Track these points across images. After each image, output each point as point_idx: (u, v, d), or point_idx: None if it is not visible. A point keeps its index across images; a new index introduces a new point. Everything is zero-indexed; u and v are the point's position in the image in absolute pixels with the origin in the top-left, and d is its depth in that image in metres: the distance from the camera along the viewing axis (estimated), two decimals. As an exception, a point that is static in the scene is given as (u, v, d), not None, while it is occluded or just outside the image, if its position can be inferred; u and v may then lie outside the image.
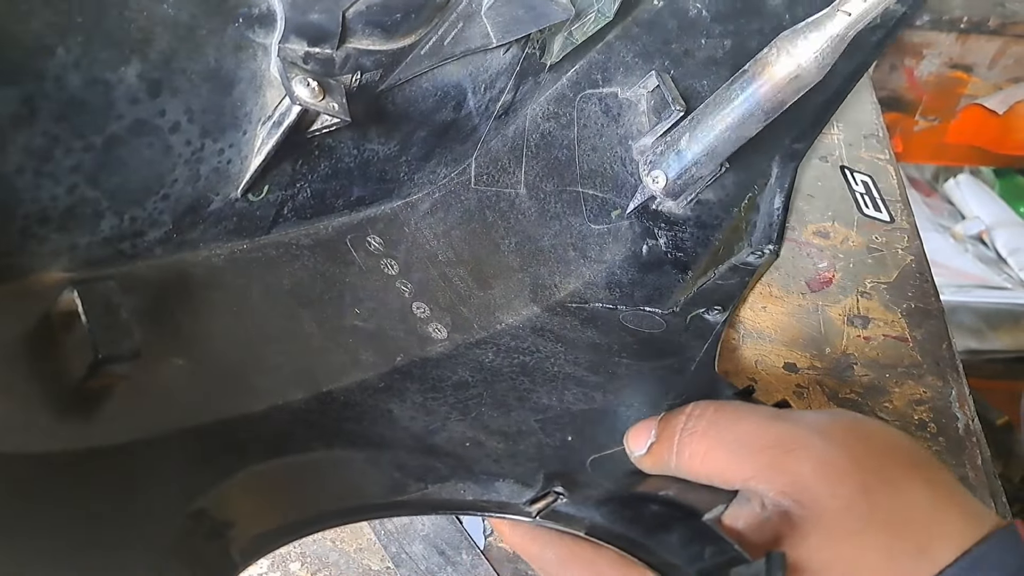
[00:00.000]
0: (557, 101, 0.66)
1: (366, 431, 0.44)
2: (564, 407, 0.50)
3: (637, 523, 0.41)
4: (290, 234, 0.52)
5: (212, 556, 0.34)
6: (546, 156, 0.65)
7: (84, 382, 0.38)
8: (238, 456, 0.40)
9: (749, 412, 0.42)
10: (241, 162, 0.46)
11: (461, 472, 0.43)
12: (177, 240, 0.45)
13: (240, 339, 0.46)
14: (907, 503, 0.38)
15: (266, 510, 0.38)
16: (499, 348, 0.54)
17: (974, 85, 1.58)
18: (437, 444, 0.45)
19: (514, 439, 0.46)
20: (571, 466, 0.45)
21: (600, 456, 0.46)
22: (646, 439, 0.44)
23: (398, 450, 0.44)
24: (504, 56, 0.58)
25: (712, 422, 0.42)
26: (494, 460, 0.44)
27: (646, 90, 0.68)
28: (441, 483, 0.43)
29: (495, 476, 0.43)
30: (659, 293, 0.62)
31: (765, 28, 0.73)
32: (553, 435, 0.47)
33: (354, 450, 0.43)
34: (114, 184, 0.40)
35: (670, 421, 0.43)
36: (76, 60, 0.36)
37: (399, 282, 0.55)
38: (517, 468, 0.44)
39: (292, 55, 0.44)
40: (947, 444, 0.59)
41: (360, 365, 0.49)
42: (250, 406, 0.43)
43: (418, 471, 0.43)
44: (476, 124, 0.60)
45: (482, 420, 0.47)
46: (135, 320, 0.41)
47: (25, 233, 0.38)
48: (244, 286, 0.48)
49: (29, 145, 0.36)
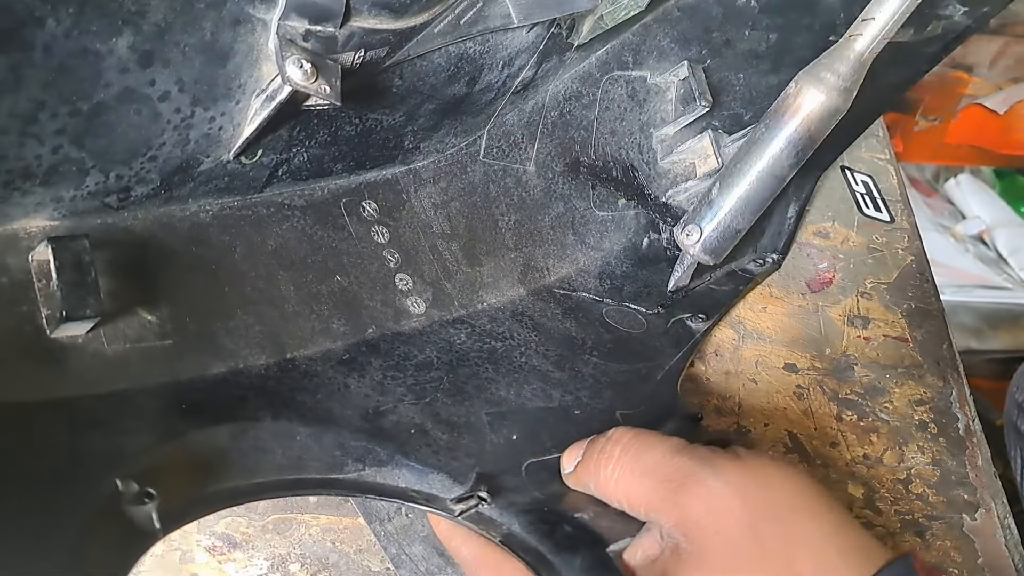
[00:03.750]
0: (582, 80, 0.65)
1: (317, 405, 0.46)
2: (520, 402, 0.51)
3: (549, 539, 0.43)
4: (284, 194, 0.53)
5: (135, 523, 0.37)
6: (562, 135, 0.64)
7: (50, 334, 0.41)
8: (183, 418, 0.42)
9: (659, 442, 0.44)
10: (233, 129, 0.47)
11: (399, 458, 0.45)
12: (165, 196, 0.47)
13: (214, 298, 0.48)
14: (795, 539, 0.40)
15: (198, 477, 0.41)
16: (473, 329, 0.56)
17: (975, 85, 1.52)
18: (383, 427, 0.47)
19: (459, 431, 0.48)
20: (505, 467, 0.46)
21: (537, 461, 0.47)
22: (575, 458, 0.46)
23: (343, 429, 0.46)
24: (527, 35, 0.57)
25: (626, 448, 0.44)
26: (434, 451, 0.46)
27: (677, 78, 0.67)
28: (378, 467, 0.45)
29: (431, 468, 0.45)
30: (648, 291, 0.62)
31: (815, 25, 0.70)
32: (499, 431, 0.49)
33: (300, 423, 0.45)
34: (100, 146, 0.42)
35: (595, 443, 0.45)
36: (66, 31, 0.37)
37: (387, 251, 0.56)
38: (453, 463, 0.46)
39: (292, 32, 0.45)
40: (947, 445, 0.59)
41: (329, 334, 0.51)
42: (209, 367, 0.45)
43: (358, 452, 0.45)
44: (492, 99, 0.60)
45: (434, 407, 0.49)
46: (110, 273, 0.44)
47: (8, 186, 0.40)
48: (228, 244, 0.49)
49: (13, 109, 0.38)
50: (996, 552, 0.51)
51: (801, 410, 0.60)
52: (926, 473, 0.56)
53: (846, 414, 0.59)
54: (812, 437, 0.58)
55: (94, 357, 0.42)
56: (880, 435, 0.58)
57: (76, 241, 0.41)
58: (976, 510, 0.54)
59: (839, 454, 0.57)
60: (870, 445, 0.58)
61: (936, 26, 0.72)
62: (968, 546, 0.51)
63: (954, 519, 0.53)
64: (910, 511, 0.53)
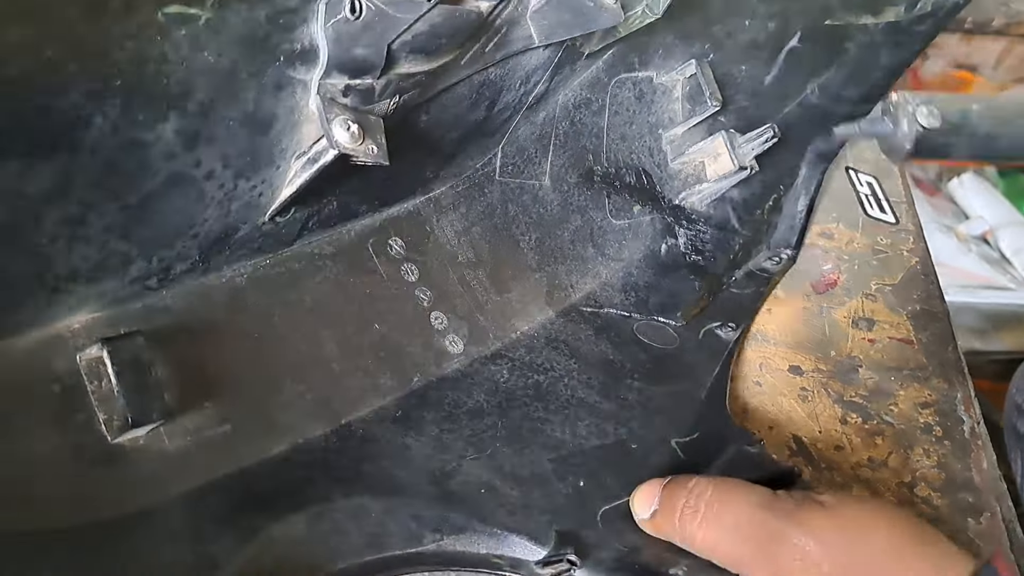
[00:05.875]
0: (591, 86, 0.63)
1: (383, 473, 0.45)
2: (577, 443, 0.50)
3: None
4: (312, 243, 0.50)
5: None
6: (574, 145, 0.63)
7: (112, 440, 0.38)
8: (259, 511, 0.40)
9: (741, 496, 0.44)
10: (272, 193, 0.44)
11: (475, 523, 0.45)
12: (203, 268, 0.44)
13: (262, 370, 0.45)
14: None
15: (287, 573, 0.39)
16: (514, 364, 0.55)
17: (979, 85, 1.53)
18: (452, 490, 0.46)
19: (527, 485, 0.47)
20: (582, 521, 0.46)
21: (610, 508, 0.47)
22: (650, 504, 0.45)
23: (414, 498, 0.44)
24: (543, 52, 0.55)
25: (709, 504, 0.44)
26: (508, 512, 0.45)
27: (683, 76, 0.66)
28: (456, 535, 0.44)
29: (509, 530, 0.45)
30: (674, 301, 0.62)
31: (812, 9, 0.69)
32: (565, 479, 0.48)
33: (371, 497, 0.44)
34: (146, 235, 0.39)
35: (673, 492, 0.45)
36: (113, 126, 0.34)
37: (418, 290, 0.54)
38: (530, 522, 0.45)
39: (332, 90, 0.42)
40: (952, 447, 0.59)
41: (378, 390, 0.49)
42: (272, 448, 0.44)
43: (434, 521, 0.44)
44: (507, 117, 0.58)
45: (497, 460, 0.48)
46: (161, 362, 0.41)
47: (56, 290, 0.37)
48: (267, 307, 0.47)
49: (63, 216, 0.35)
50: (1001, 556, 0.52)
51: (806, 413, 0.60)
52: (931, 476, 0.57)
53: (851, 417, 0.60)
54: (817, 440, 0.59)
55: (159, 458, 0.40)
56: (885, 438, 0.59)
57: (131, 340, 0.38)
58: (981, 514, 0.54)
59: (844, 457, 0.58)
60: (875, 448, 0.58)
61: (925, 3, 0.72)
62: (973, 550, 0.52)
63: (959, 523, 0.54)
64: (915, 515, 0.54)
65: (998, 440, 0.73)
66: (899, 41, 0.72)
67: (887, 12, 0.72)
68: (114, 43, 0.33)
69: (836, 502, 0.42)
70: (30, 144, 0.32)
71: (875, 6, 0.72)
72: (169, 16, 0.34)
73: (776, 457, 0.51)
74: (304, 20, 0.39)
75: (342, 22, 0.40)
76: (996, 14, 1.41)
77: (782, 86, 0.69)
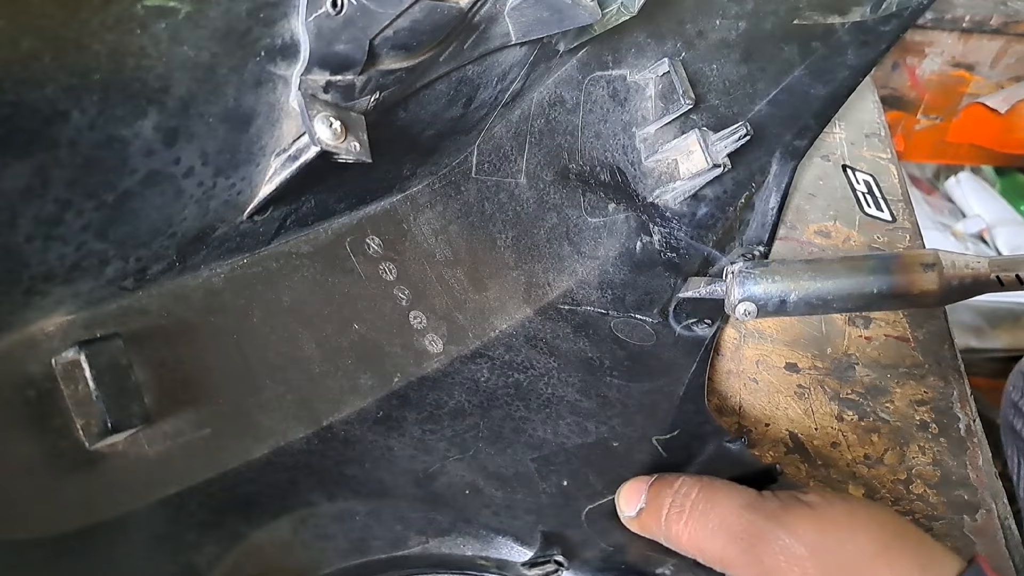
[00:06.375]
0: (566, 84, 0.63)
1: (367, 476, 0.44)
2: (559, 442, 0.50)
3: None
4: (290, 242, 0.49)
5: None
6: (549, 142, 0.62)
7: (89, 446, 0.37)
8: (242, 517, 0.40)
9: (727, 496, 0.44)
10: (251, 191, 0.43)
11: (461, 525, 0.44)
12: (180, 267, 0.43)
13: (241, 371, 0.44)
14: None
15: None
16: (493, 363, 0.54)
17: (976, 84, 1.55)
18: (437, 491, 0.45)
19: (511, 485, 0.47)
20: (567, 521, 0.46)
21: (594, 507, 0.47)
22: (636, 502, 0.45)
23: (399, 500, 0.44)
24: (520, 49, 0.55)
25: (695, 504, 0.44)
26: (493, 512, 0.45)
27: (656, 75, 0.66)
28: (442, 537, 0.44)
29: (495, 531, 0.44)
30: (649, 298, 0.62)
31: (780, 10, 0.70)
32: (549, 479, 0.48)
33: (356, 500, 0.43)
34: (123, 234, 0.38)
35: (659, 491, 0.45)
36: (91, 121, 0.33)
37: (396, 289, 0.53)
38: (515, 523, 0.45)
39: (313, 86, 0.41)
40: (948, 445, 0.60)
41: (358, 391, 0.48)
42: (253, 451, 0.43)
43: (419, 523, 0.44)
44: (484, 115, 0.57)
45: (480, 460, 0.48)
46: (139, 365, 0.40)
47: (30, 291, 0.36)
48: (244, 307, 0.46)
49: (40, 214, 0.33)
50: (997, 553, 0.52)
51: (802, 410, 0.61)
52: (927, 473, 0.57)
53: (847, 414, 0.60)
54: (813, 437, 0.59)
55: (138, 463, 0.39)
56: (881, 435, 0.59)
57: (109, 342, 0.37)
58: (977, 511, 0.55)
59: (840, 454, 0.58)
60: (871, 445, 0.59)
61: (890, 3, 0.73)
62: (969, 547, 0.52)
63: (955, 520, 0.54)
64: (911, 512, 0.54)
65: (994, 437, 0.73)
66: (865, 40, 0.73)
67: (853, 12, 0.73)
68: (92, 35, 0.32)
69: (821, 502, 0.43)
70: (5, 140, 0.31)
71: (842, 6, 0.72)
72: (149, 8, 0.33)
73: (756, 453, 0.52)
74: (285, 15, 0.38)
75: (323, 17, 0.39)
76: (993, 13, 1.43)
77: (752, 85, 0.70)
